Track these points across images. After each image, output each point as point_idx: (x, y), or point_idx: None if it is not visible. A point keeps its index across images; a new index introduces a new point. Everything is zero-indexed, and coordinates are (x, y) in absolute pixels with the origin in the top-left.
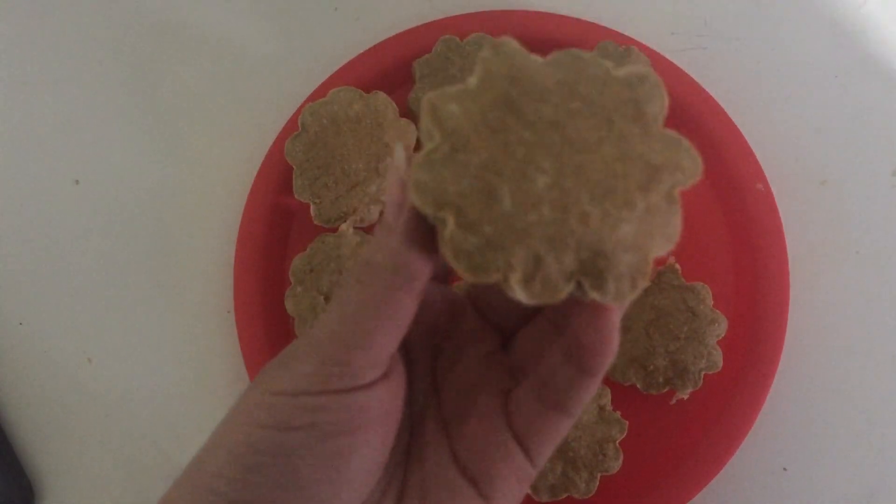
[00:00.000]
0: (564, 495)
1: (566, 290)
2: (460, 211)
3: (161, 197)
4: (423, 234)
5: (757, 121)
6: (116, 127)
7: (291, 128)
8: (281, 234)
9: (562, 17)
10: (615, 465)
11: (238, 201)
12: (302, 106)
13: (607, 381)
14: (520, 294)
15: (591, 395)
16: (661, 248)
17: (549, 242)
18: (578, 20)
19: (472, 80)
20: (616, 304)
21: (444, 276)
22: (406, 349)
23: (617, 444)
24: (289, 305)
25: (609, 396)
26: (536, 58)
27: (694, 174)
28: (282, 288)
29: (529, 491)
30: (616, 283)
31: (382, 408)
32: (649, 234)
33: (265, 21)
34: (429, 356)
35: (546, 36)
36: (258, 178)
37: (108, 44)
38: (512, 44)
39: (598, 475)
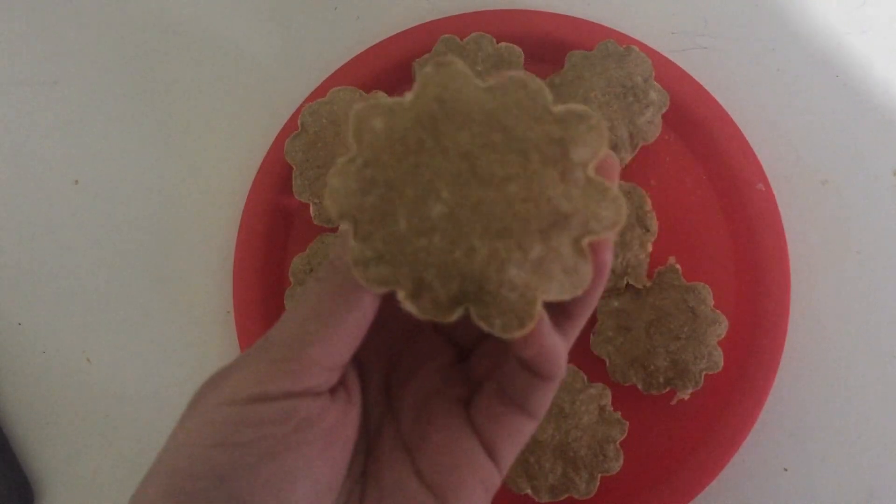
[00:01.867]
0: (565, 496)
1: (456, 312)
2: (357, 223)
3: (161, 197)
4: None
5: (757, 121)
6: (116, 127)
7: (291, 128)
8: (281, 234)
9: (562, 16)
10: (616, 466)
11: (238, 201)
12: (302, 106)
13: (608, 382)
14: (410, 308)
15: (551, 396)
16: (559, 294)
17: (434, 269)
18: (579, 20)
19: (409, 96)
20: (507, 338)
21: None
22: (360, 368)
23: (617, 445)
24: (289, 305)
25: (609, 397)
26: (479, 82)
27: (611, 225)
28: (282, 288)
29: (529, 491)
30: (501, 318)
31: (330, 422)
32: (544, 278)
33: (265, 21)
34: (383, 375)
35: (546, 36)
36: (258, 178)
37: (107, 44)
38: (457, 64)
39: (599, 476)
